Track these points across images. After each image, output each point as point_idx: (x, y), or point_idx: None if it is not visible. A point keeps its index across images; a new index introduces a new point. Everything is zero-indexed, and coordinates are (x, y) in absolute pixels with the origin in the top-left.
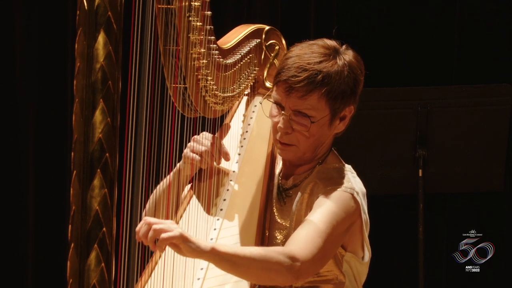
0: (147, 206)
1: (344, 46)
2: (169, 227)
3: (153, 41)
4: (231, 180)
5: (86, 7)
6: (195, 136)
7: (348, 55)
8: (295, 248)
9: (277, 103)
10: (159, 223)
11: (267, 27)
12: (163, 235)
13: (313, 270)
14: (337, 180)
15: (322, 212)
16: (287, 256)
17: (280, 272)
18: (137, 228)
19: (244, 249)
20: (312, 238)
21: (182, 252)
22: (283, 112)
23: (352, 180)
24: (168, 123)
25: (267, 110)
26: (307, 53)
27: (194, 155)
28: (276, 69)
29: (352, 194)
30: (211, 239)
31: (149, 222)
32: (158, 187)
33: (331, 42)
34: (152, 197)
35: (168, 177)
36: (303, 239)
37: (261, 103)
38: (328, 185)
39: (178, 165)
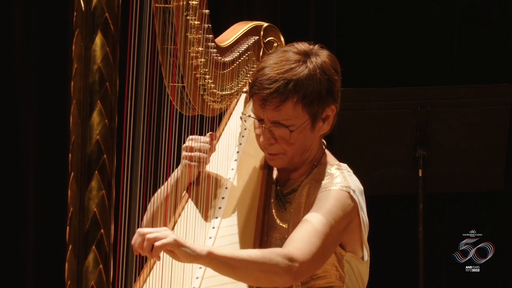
0: (145, 216)
1: (316, 47)
2: (163, 234)
3: (151, 40)
4: (229, 178)
5: (83, 8)
6: (193, 137)
7: (320, 56)
8: (293, 249)
9: (255, 116)
10: (152, 232)
11: (265, 24)
12: (157, 243)
13: (312, 270)
14: (333, 179)
15: (319, 212)
16: (285, 257)
17: (278, 273)
18: (132, 241)
19: (242, 251)
20: (309, 238)
21: (178, 258)
22: (262, 125)
23: (349, 179)
24: (166, 122)
25: (251, 124)
26: (277, 63)
27: (194, 163)
28: (250, 83)
29: (349, 193)
30: (210, 237)
31: (143, 233)
32: (156, 194)
33: (302, 46)
34: (150, 206)
35: (166, 183)
36: (300, 240)
37: (241, 118)
38: (323, 185)
39: (175, 171)
